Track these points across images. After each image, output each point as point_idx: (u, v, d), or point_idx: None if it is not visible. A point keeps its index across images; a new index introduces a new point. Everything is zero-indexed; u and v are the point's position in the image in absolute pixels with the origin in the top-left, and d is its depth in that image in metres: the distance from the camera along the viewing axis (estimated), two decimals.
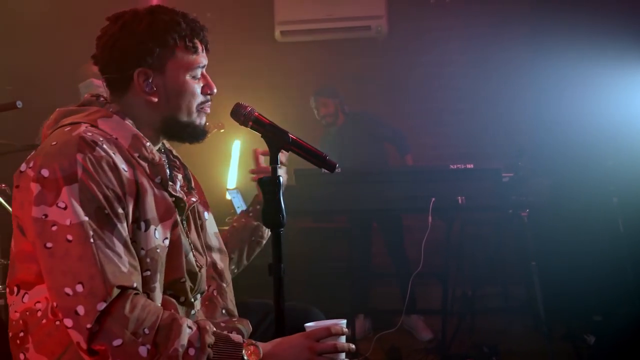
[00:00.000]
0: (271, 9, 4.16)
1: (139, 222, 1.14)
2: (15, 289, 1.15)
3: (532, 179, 2.76)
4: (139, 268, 1.11)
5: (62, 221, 1.05)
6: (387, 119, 3.76)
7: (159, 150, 1.33)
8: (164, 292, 1.21)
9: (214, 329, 1.13)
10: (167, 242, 1.19)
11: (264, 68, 4.33)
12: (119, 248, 1.07)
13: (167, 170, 1.29)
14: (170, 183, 1.25)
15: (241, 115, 1.25)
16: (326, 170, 1.29)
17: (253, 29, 4.34)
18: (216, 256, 1.42)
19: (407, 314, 3.38)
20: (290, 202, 2.72)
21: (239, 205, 3.51)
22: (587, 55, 3.33)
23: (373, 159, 3.57)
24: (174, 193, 1.25)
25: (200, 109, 1.28)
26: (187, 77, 1.24)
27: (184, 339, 1.04)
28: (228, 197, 3.73)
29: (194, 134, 1.29)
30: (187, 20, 1.25)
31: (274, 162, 1.23)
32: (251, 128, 1.26)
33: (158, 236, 1.17)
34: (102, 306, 1.01)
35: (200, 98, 1.28)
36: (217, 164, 4.04)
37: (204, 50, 1.29)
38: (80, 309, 1.02)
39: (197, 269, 1.29)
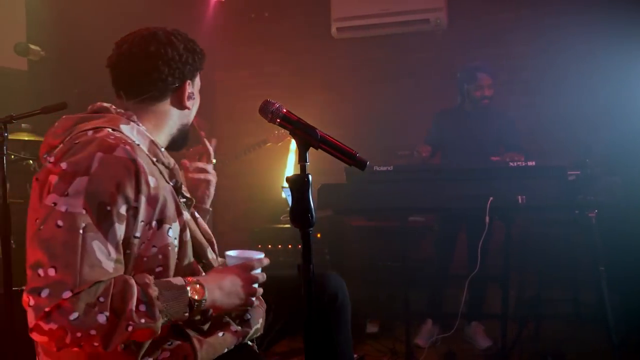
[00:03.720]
0: (327, 6, 4.14)
1: (152, 222, 1.19)
2: None
3: (601, 178, 2.56)
4: (124, 267, 1.14)
5: (60, 208, 1.08)
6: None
7: None
8: None
9: (153, 279, 1.14)
10: (176, 242, 1.24)
11: (321, 65, 4.31)
12: (111, 244, 1.10)
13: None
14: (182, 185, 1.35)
15: (269, 112, 1.23)
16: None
17: (309, 26, 4.34)
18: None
19: (466, 319, 3.25)
20: (343, 201, 2.73)
21: None
22: None
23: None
24: (186, 194, 1.35)
25: None
26: (199, 90, 1.44)
27: (135, 298, 1.07)
28: (283, 195, 3.76)
29: (185, 144, 1.46)
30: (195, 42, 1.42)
31: (302, 159, 1.20)
32: (279, 125, 1.23)
33: (171, 234, 1.22)
34: (67, 295, 1.03)
35: None
36: (273, 162, 4.08)
37: None
38: (45, 292, 1.03)
39: (216, 257, 1.40)
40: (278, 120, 1.23)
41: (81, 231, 1.07)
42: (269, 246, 3.58)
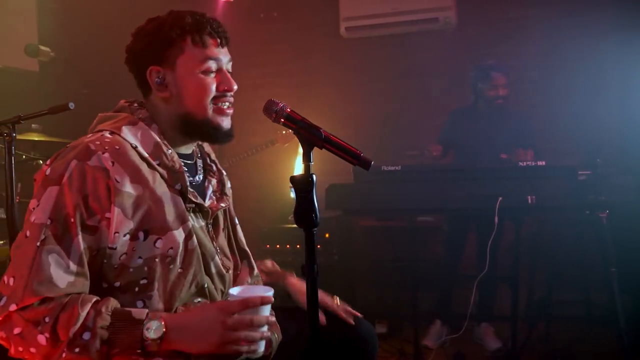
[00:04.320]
0: (336, 6, 4.13)
1: (136, 232, 1.15)
2: None
3: (612, 178, 2.53)
4: (87, 277, 1.11)
5: (31, 217, 1.11)
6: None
7: (194, 155, 1.37)
8: (193, 298, 1.22)
9: (115, 305, 1.09)
10: (172, 252, 1.19)
11: (329, 65, 4.30)
12: (73, 258, 1.09)
13: (201, 175, 1.34)
14: (192, 190, 1.27)
15: (273, 112, 1.21)
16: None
17: (318, 26, 4.32)
18: (245, 262, 1.44)
19: (475, 320, 3.23)
20: (351, 201, 2.72)
21: None
22: None
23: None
24: (194, 200, 1.27)
25: (215, 105, 1.28)
26: (198, 72, 1.25)
27: (79, 324, 1.04)
28: (292, 195, 3.75)
29: (214, 135, 1.30)
30: (196, 16, 1.26)
31: (306, 159, 1.18)
32: (283, 125, 1.21)
33: (159, 246, 1.17)
34: (13, 308, 1.05)
35: (213, 93, 1.27)
36: (282, 162, 4.08)
37: (221, 46, 1.29)
38: (2, 300, 1.07)
39: (224, 271, 1.30)
40: (282, 119, 1.20)
41: (38, 244, 1.07)
42: (277, 246, 3.58)
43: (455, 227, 3.37)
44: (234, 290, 1.18)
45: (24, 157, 2.85)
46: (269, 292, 1.15)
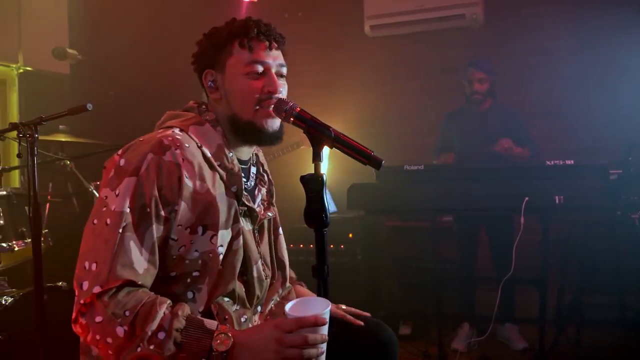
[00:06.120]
0: (360, 4, 4.10)
1: (196, 226, 1.21)
2: None
3: None
4: (156, 267, 1.18)
5: (111, 205, 1.16)
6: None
7: (249, 161, 1.41)
8: (223, 298, 1.26)
9: (189, 312, 1.14)
10: (222, 249, 1.24)
11: (354, 64, 4.27)
12: (146, 245, 1.15)
13: (253, 182, 1.40)
14: (245, 194, 1.32)
15: (283, 111, 1.22)
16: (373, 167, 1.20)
17: (342, 25, 4.30)
18: (280, 273, 1.47)
19: (500, 322, 3.17)
20: (373, 200, 2.69)
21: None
22: None
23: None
24: (247, 203, 1.32)
25: (261, 108, 1.28)
26: (243, 74, 1.28)
27: (156, 323, 1.08)
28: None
29: (259, 136, 1.30)
30: (246, 21, 1.32)
31: (316, 158, 1.18)
32: (293, 124, 1.23)
33: (214, 242, 1.23)
34: (97, 290, 1.10)
35: (257, 96, 1.28)
36: (306, 162, 4.07)
37: (269, 49, 1.32)
38: (85, 285, 1.12)
39: (264, 277, 1.35)
40: (292, 119, 1.21)
41: (120, 230, 1.13)
42: (301, 245, 3.58)
43: (472, 228, 3.30)
44: (288, 306, 1.13)
45: (55, 156, 2.93)
46: (326, 309, 1.09)
